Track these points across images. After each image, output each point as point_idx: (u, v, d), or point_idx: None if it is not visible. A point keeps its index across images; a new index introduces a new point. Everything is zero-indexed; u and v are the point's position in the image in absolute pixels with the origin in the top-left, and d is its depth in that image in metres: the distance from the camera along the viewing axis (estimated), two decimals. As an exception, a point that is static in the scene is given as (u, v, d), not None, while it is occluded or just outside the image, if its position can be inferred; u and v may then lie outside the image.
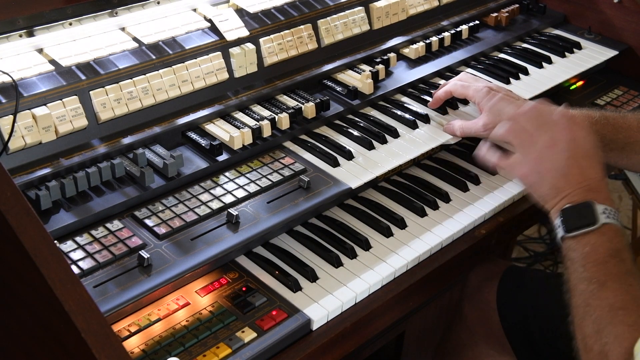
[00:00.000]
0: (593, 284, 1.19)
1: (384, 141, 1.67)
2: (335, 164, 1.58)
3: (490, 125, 1.58)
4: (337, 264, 1.40)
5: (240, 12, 1.73)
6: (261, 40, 1.72)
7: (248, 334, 1.23)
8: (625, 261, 1.21)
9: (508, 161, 1.43)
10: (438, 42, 2.00)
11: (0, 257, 1.12)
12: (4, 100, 1.37)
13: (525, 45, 2.15)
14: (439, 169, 1.70)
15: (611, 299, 1.17)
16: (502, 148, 1.51)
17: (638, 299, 1.17)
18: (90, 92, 1.46)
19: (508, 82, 1.94)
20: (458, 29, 2.06)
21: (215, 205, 1.42)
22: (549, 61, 2.06)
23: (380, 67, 1.84)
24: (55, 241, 1.12)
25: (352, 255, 1.43)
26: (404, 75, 1.89)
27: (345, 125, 1.71)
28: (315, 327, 1.29)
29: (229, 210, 1.40)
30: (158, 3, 1.65)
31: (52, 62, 1.45)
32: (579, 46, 2.15)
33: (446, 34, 2.03)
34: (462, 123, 1.67)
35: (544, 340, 1.62)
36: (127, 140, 1.49)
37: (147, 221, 1.37)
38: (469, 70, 1.99)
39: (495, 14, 2.16)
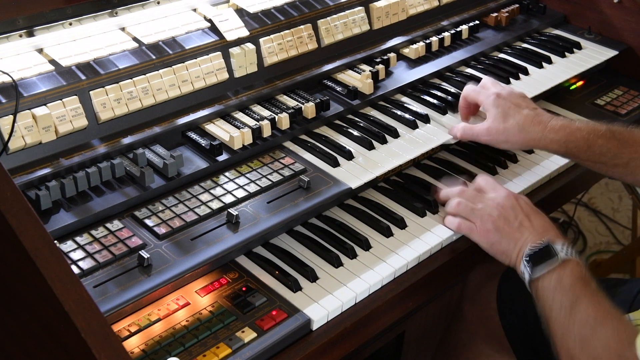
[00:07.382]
0: (564, 308, 1.31)
1: (384, 141, 1.67)
2: (335, 164, 1.58)
3: (494, 130, 1.62)
4: (337, 264, 1.40)
5: (240, 12, 1.73)
6: (261, 40, 1.72)
7: (248, 334, 1.23)
8: (590, 283, 1.33)
9: (467, 228, 1.49)
10: (438, 42, 2.00)
11: (0, 257, 1.12)
12: (4, 100, 1.37)
13: (525, 45, 2.14)
14: (439, 169, 1.70)
15: (584, 315, 1.28)
16: None
17: (611, 310, 1.29)
18: (90, 92, 1.46)
19: (508, 82, 1.94)
20: (458, 29, 2.06)
21: (215, 205, 1.42)
22: (549, 61, 2.06)
23: (380, 67, 1.84)
24: (55, 241, 1.12)
25: (352, 255, 1.43)
26: (404, 75, 1.89)
27: (345, 125, 1.71)
28: (315, 327, 1.29)
29: (229, 210, 1.40)
30: (158, 3, 1.65)
31: (52, 62, 1.45)
32: (579, 46, 2.15)
33: (446, 34, 2.02)
34: (466, 125, 1.68)
35: (543, 340, 1.61)
36: (127, 140, 1.49)
37: (147, 221, 1.37)
38: (469, 70, 1.99)
39: (495, 14, 2.16)
